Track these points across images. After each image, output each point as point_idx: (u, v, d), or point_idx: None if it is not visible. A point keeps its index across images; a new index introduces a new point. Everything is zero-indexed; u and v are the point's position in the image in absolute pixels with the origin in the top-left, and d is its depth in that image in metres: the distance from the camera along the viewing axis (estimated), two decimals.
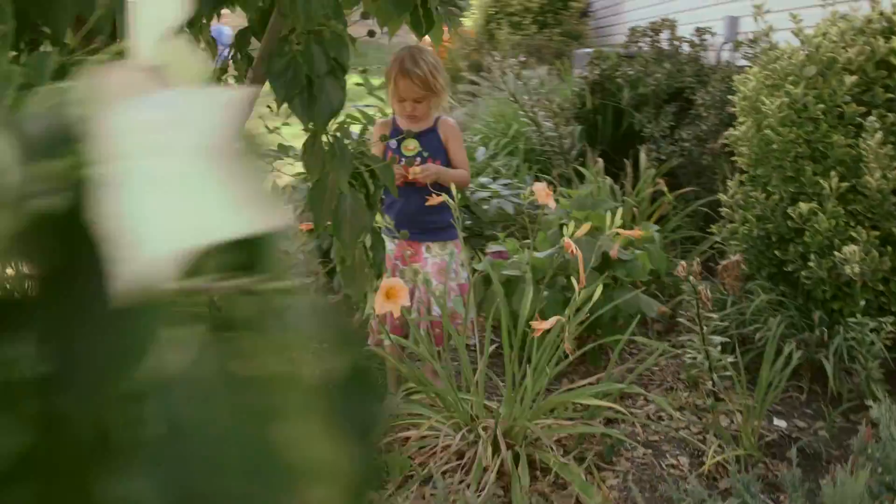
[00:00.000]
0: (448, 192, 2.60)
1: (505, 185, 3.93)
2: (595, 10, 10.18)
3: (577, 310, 2.53)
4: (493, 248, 3.34)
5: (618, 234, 2.40)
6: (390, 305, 2.07)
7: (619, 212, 2.42)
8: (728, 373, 2.61)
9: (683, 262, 2.39)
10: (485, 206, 3.80)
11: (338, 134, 1.51)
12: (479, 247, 3.61)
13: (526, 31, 9.53)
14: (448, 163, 2.87)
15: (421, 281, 2.86)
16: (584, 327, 2.59)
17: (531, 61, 7.76)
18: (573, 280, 2.32)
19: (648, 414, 2.74)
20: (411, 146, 2.84)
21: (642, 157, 4.07)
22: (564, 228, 2.29)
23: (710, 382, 2.67)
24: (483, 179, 3.97)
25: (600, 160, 4.07)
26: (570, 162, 4.39)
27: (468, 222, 3.82)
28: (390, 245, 2.91)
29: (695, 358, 2.64)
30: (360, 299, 1.78)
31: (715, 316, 2.53)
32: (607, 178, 3.99)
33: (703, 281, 3.33)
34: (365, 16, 1.77)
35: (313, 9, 1.30)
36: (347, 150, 1.49)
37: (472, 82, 7.43)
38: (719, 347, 2.63)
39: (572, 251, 2.21)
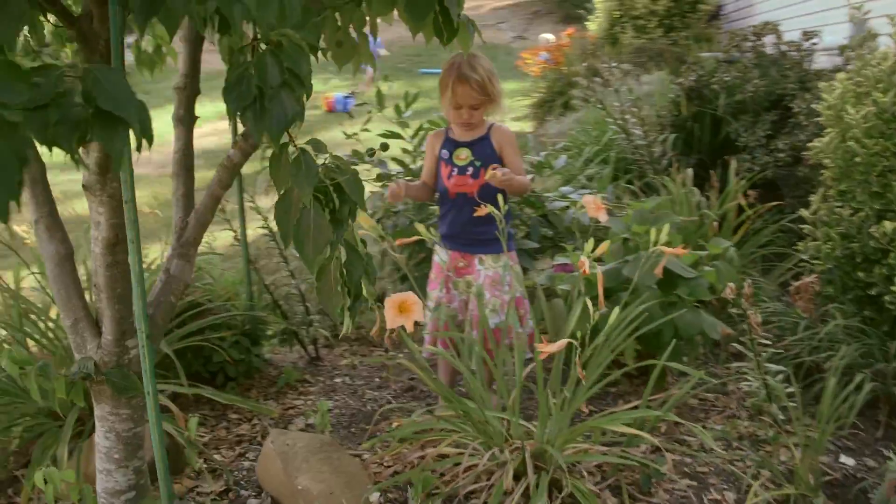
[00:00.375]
0: (496, 204, 2.53)
1: (585, 194, 3.79)
2: (727, 13, 9.78)
3: (622, 331, 2.42)
4: (559, 260, 3.23)
5: (662, 252, 2.25)
6: (402, 319, 2.01)
7: (666, 227, 2.28)
8: (790, 403, 2.42)
9: (732, 284, 2.22)
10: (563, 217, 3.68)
11: (306, 146, 1.48)
12: (553, 257, 3.50)
13: (650, 35, 9.24)
14: None
15: (474, 293, 2.79)
16: (620, 347, 2.45)
17: (649, 66, 7.51)
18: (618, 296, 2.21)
19: (702, 443, 2.57)
20: (463, 155, 2.78)
21: (732, 167, 3.84)
22: (585, 245, 2.17)
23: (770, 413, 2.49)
24: (564, 189, 3.85)
25: (689, 170, 3.87)
26: (659, 171, 4.19)
27: (549, 233, 3.71)
28: (444, 256, 2.86)
29: (750, 385, 2.46)
30: (337, 316, 1.74)
31: (769, 342, 2.35)
32: (695, 189, 3.79)
33: (777, 303, 3.13)
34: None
35: (255, 15, 1.27)
36: (313, 164, 1.45)
37: (588, 88, 7.26)
38: (780, 376, 2.45)
39: (585, 270, 2.09)
